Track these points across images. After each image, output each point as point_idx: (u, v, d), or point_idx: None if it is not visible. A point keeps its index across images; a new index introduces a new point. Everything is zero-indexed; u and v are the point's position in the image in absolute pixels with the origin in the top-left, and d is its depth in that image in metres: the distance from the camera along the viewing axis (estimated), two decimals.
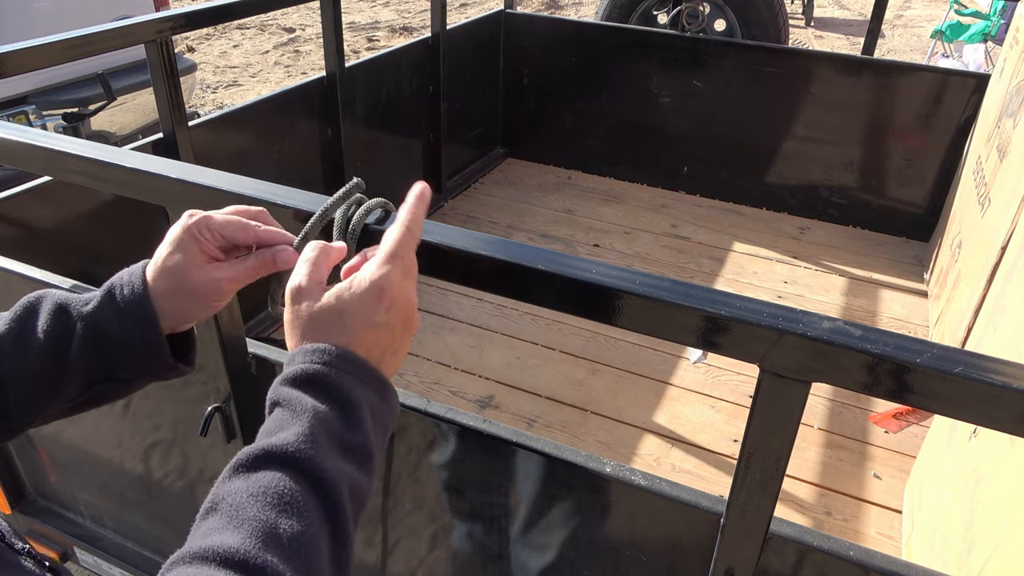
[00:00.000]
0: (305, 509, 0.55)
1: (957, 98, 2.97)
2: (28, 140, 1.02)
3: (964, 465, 1.56)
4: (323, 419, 0.59)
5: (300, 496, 0.55)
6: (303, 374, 0.61)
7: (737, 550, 0.85)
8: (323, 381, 0.60)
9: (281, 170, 2.52)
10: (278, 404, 0.61)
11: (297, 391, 0.60)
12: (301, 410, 0.59)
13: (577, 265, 0.76)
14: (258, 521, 0.53)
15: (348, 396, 0.60)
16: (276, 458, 0.56)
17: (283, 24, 7.86)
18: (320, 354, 0.61)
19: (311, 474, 0.56)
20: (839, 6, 9.21)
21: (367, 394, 0.62)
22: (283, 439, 0.57)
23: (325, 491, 0.56)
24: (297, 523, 0.54)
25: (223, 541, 0.52)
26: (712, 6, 4.17)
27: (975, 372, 0.63)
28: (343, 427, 0.59)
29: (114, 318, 0.73)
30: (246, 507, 0.53)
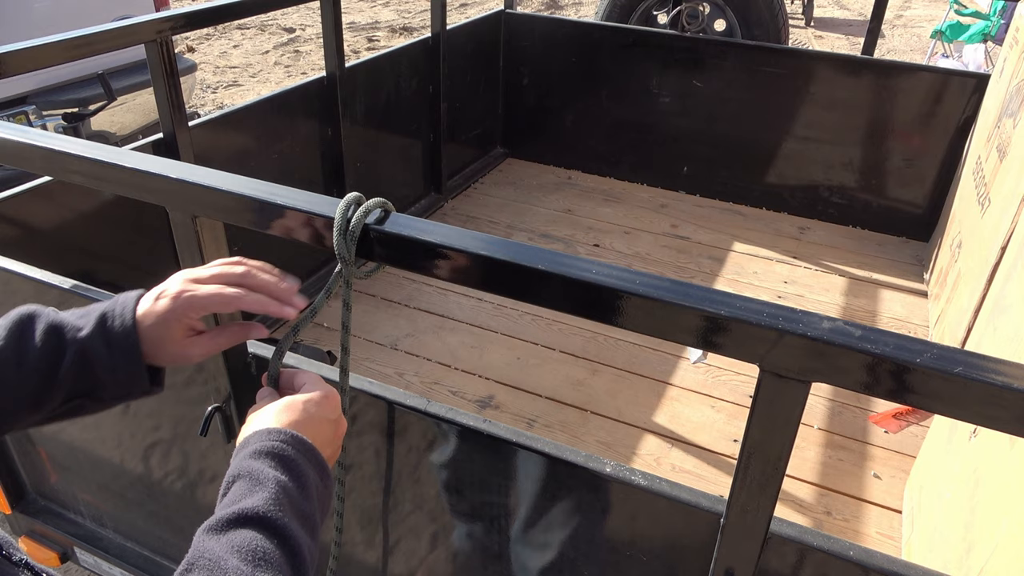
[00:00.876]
0: (280, 566, 0.59)
1: (957, 98, 2.97)
2: (28, 140, 1.02)
3: (964, 465, 1.56)
4: (285, 488, 0.64)
5: (273, 554, 0.59)
6: (267, 450, 0.68)
7: (737, 550, 0.85)
8: (283, 456, 0.68)
9: (281, 170, 2.52)
10: (239, 477, 0.66)
11: (261, 463, 0.66)
12: (266, 479, 0.64)
13: (577, 265, 0.76)
14: (238, 572, 0.56)
15: (302, 472, 0.68)
16: (248, 520, 0.60)
17: (283, 24, 7.86)
18: (279, 435, 0.70)
19: (282, 534, 0.61)
20: (839, 6, 9.21)
21: (313, 475, 0.69)
22: (253, 503, 0.62)
23: (294, 550, 0.61)
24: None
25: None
26: (712, 6, 4.17)
27: (975, 372, 0.63)
28: (300, 498, 0.66)
29: (103, 347, 0.78)
30: (224, 561, 0.57)
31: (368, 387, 1.05)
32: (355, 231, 0.81)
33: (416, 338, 2.55)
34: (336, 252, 0.82)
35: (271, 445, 0.68)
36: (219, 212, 0.94)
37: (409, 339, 2.54)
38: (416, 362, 2.44)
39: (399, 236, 0.82)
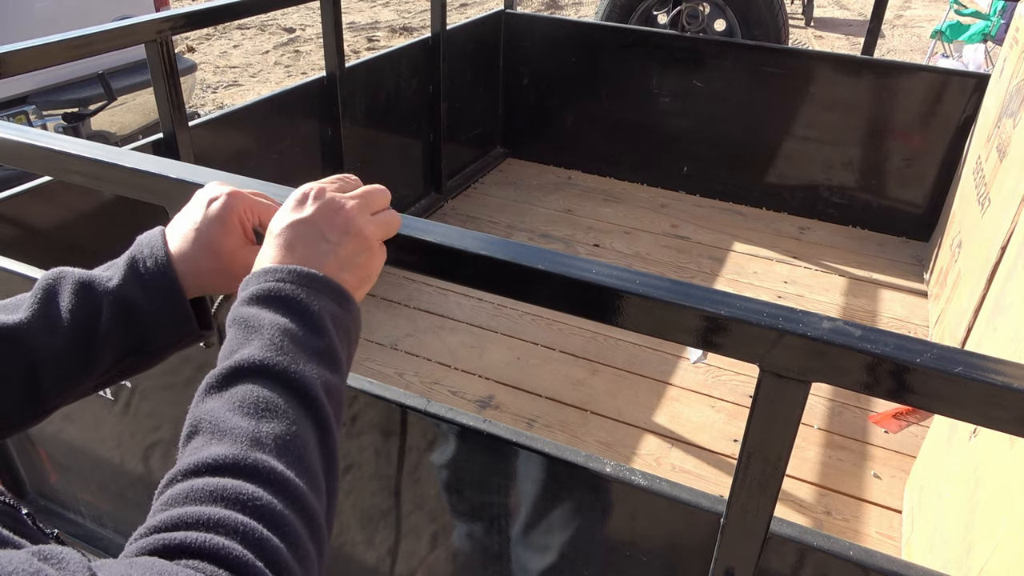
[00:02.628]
0: (285, 411, 0.55)
1: (957, 98, 2.97)
2: (28, 140, 1.02)
3: (964, 465, 1.56)
4: (284, 329, 0.59)
5: (277, 400, 0.55)
6: (257, 293, 0.62)
7: (737, 550, 0.85)
8: (279, 295, 0.61)
9: (281, 170, 2.52)
10: (232, 324, 0.61)
11: (253, 309, 0.61)
12: (259, 324, 0.59)
13: (577, 265, 0.76)
14: (241, 429, 0.53)
15: (306, 306, 0.61)
16: (245, 371, 0.56)
17: (283, 24, 7.86)
18: (272, 273, 0.63)
19: (283, 378, 0.56)
20: (839, 6, 9.21)
21: (326, 304, 0.62)
22: (248, 352, 0.57)
23: (300, 391, 0.57)
24: (279, 424, 0.54)
25: (210, 453, 0.51)
26: (712, 6, 4.17)
27: (975, 372, 0.63)
28: (306, 334, 0.60)
29: (140, 291, 0.72)
30: (226, 420, 0.53)
31: (368, 387, 1.05)
32: None
33: (416, 338, 2.55)
34: None
35: (264, 287, 0.62)
36: None
37: (409, 339, 2.54)
38: (416, 362, 2.44)
39: (398, 236, 0.82)
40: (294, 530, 0.50)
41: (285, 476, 0.51)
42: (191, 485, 0.50)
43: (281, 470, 0.52)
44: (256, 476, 0.51)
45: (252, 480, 0.50)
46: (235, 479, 0.50)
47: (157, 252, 0.73)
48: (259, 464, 0.51)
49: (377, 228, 0.71)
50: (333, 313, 0.63)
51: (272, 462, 0.52)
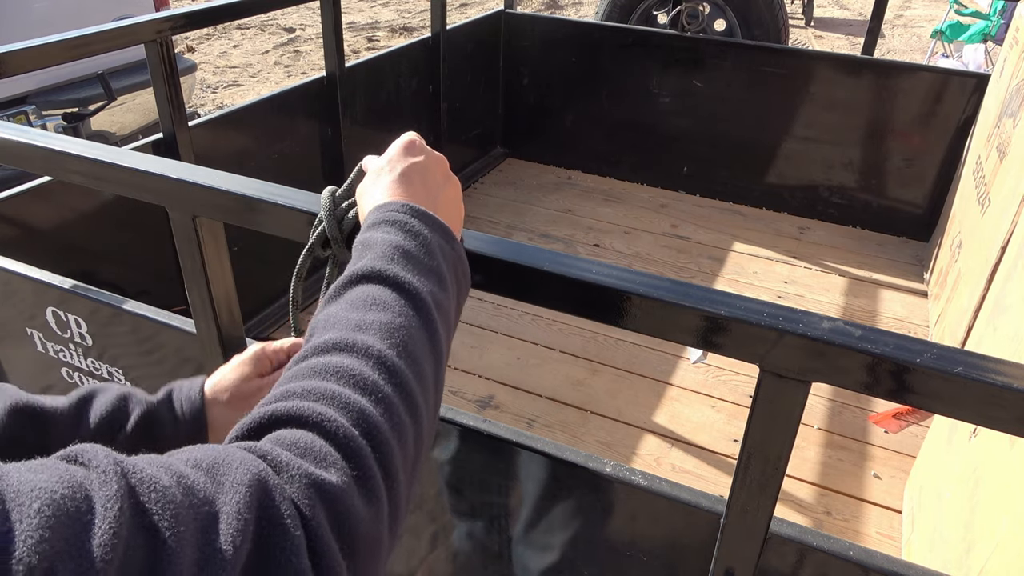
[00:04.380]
0: (392, 305, 0.58)
1: (957, 98, 2.97)
2: (28, 140, 1.02)
3: (964, 465, 1.56)
4: (397, 246, 0.63)
5: (387, 297, 0.58)
6: (374, 221, 0.66)
7: (737, 550, 0.85)
8: (393, 220, 0.65)
9: (281, 170, 2.52)
10: (356, 248, 0.66)
11: (369, 233, 0.65)
12: (375, 242, 0.64)
13: (577, 265, 0.76)
14: (349, 320, 0.56)
15: (418, 231, 0.65)
16: (358, 278, 0.60)
17: (283, 24, 7.86)
18: (388, 206, 0.67)
19: (393, 281, 0.60)
20: (839, 6, 9.21)
21: (433, 236, 0.66)
22: (362, 263, 0.61)
23: (409, 293, 0.59)
24: (386, 315, 0.57)
25: (318, 339, 0.55)
26: (712, 6, 4.17)
27: (975, 372, 0.63)
28: (418, 253, 0.63)
29: (170, 418, 0.77)
30: (336, 316, 0.57)
31: None
32: (346, 210, 0.80)
33: None
34: (328, 234, 0.81)
35: (380, 216, 0.66)
36: (219, 212, 0.94)
37: None
38: None
39: None
40: (390, 401, 0.52)
41: (384, 354, 0.54)
42: (293, 370, 0.53)
43: (380, 348, 0.54)
44: (355, 351, 0.53)
45: (351, 354, 0.53)
46: (335, 355, 0.53)
47: (194, 395, 0.79)
48: (359, 342, 0.54)
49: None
50: (441, 246, 0.67)
51: (372, 340, 0.54)
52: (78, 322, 1.25)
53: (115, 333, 1.23)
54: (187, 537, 0.37)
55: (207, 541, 0.38)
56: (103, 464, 0.37)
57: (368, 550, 0.46)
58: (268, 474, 0.42)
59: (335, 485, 0.44)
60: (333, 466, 0.45)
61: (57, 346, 1.31)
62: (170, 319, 1.17)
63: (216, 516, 0.39)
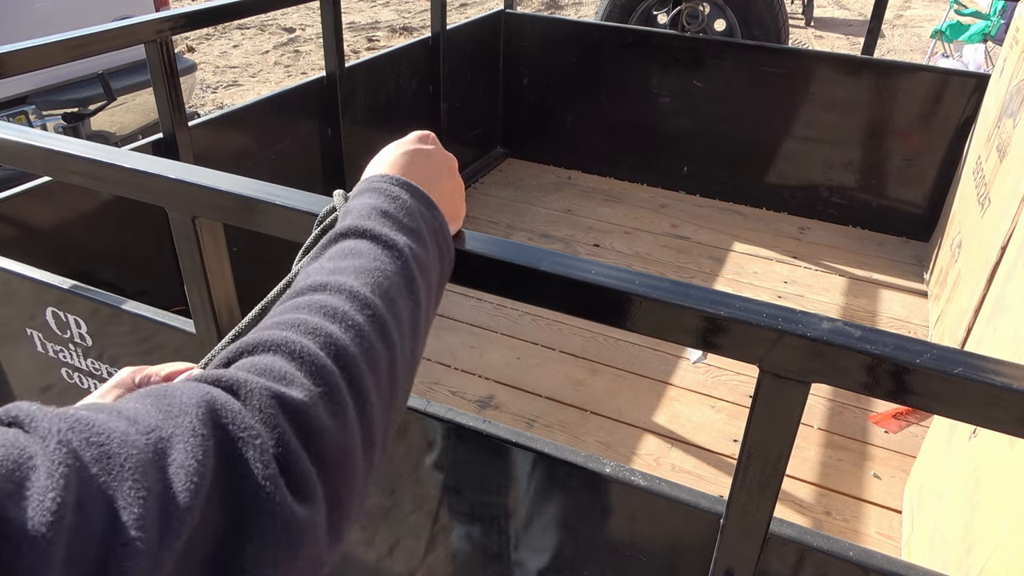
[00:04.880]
0: (369, 252, 0.58)
1: (957, 98, 2.97)
2: (28, 140, 1.02)
3: (964, 465, 1.56)
4: (375, 207, 0.63)
5: (364, 247, 0.59)
6: (359, 191, 0.67)
7: (737, 550, 0.85)
8: (376, 188, 0.66)
9: (281, 170, 2.52)
10: (340, 216, 0.66)
11: (353, 201, 0.66)
12: (355, 207, 0.64)
13: (577, 265, 0.76)
14: (326, 267, 0.57)
15: (398, 195, 0.65)
16: (336, 236, 0.61)
17: (283, 24, 7.86)
18: (377, 179, 0.68)
19: (371, 234, 0.60)
20: (839, 6, 9.21)
21: (415, 203, 0.66)
22: (341, 224, 0.62)
23: (387, 244, 0.60)
24: (362, 261, 0.57)
25: (292, 289, 0.56)
26: (712, 6, 4.17)
27: (975, 372, 0.63)
28: (396, 213, 0.64)
29: None
30: (314, 268, 0.58)
31: None
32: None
33: None
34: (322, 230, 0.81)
35: (365, 185, 0.67)
36: (218, 212, 0.94)
37: None
38: None
39: None
40: (360, 328, 0.52)
41: (357, 290, 0.54)
42: (271, 312, 0.54)
43: (353, 284, 0.55)
44: (328, 289, 0.54)
45: (324, 292, 0.54)
46: (308, 295, 0.54)
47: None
48: (332, 282, 0.55)
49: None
50: (422, 212, 0.66)
51: (346, 279, 0.55)
52: (78, 322, 1.25)
53: (115, 333, 1.23)
54: (143, 476, 0.35)
55: (164, 470, 0.36)
56: (44, 424, 0.34)
57: (338, 463, 0.46)
58: (217, 394, 0.42)
59: (295, 397, 0.44)
60: (294, 383, 0.45)
61: (57, 346, 1.31)
62: (170, 319, 1.17)
63: (170, 440, 0.38)
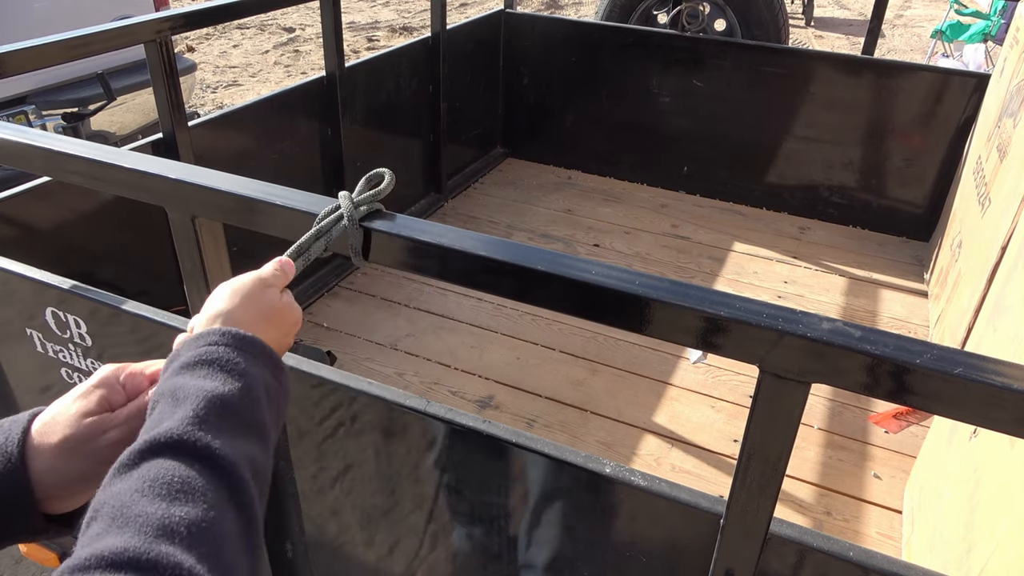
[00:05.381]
0: (202, 492, 0.48)
1: (957, 98, 2.96)
2: (28, 140, 1.02)
3: (964, 465, 1.56)
4: (214, 397, 0.54)
5: (194, 480, 0.49)
6: (190, 360, 0.57)
7: (737, 550, 0.85)
8: (216, 360, 0.56)
9: (281, 170, 2.52)
10: (160, 398, 0.55)
11: (183, 377, 0.55)
12: (186, 394, 0.54)
13: (577, 265, 0.76)
14: (146, 515, 0.46)
15: (244, 372, 0.57)
16: (160, 447, 0.50)
17: (283, 24, 7.86)
18: (211, 336, 0.58)
19: (204, 455, 0.50)
20: (839, 6, 9.21)
21: (262, 373, 0.59)
22: (167, 426, 0.51)
23: (223, 470, 0.50)
24: (194, 508, 0.47)
25: (107, 545, 0.44)
26: (712, 6, 4.17)
27: (975, 373, 0.63)
28: (239, 404, 0.55)
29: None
30: (131, 505, 0.46)
31: (368, 387, 1.05)
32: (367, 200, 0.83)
33: (416, 338, 2.54)
34: (343, 210, 0.82)
35: (201, 352, 0.56)
36: (218, 212, 0.94)
37: (409, 339, 2.54)
38: (416, 362, 2.44)
39: (399, 236, 0.82)
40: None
41: (195, 572, 0.44)
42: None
43: (190, 566, 0.44)
44: (157, 572, 0.43)
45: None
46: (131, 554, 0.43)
47: (11, 442, 0.60)
48: (163, 560, 0.44)
49: (286, 301, 0.70)
50: (267, 383, 0.59)
51: (180, 556, 0.44)
52: (77, 322, 1.25)
53: (115, 333, 1.23)
54: None
55: None
56: None
57: None
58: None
59: None
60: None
61: (57, 346, 1.31)
62: (170, 319, 1.17)
63: None
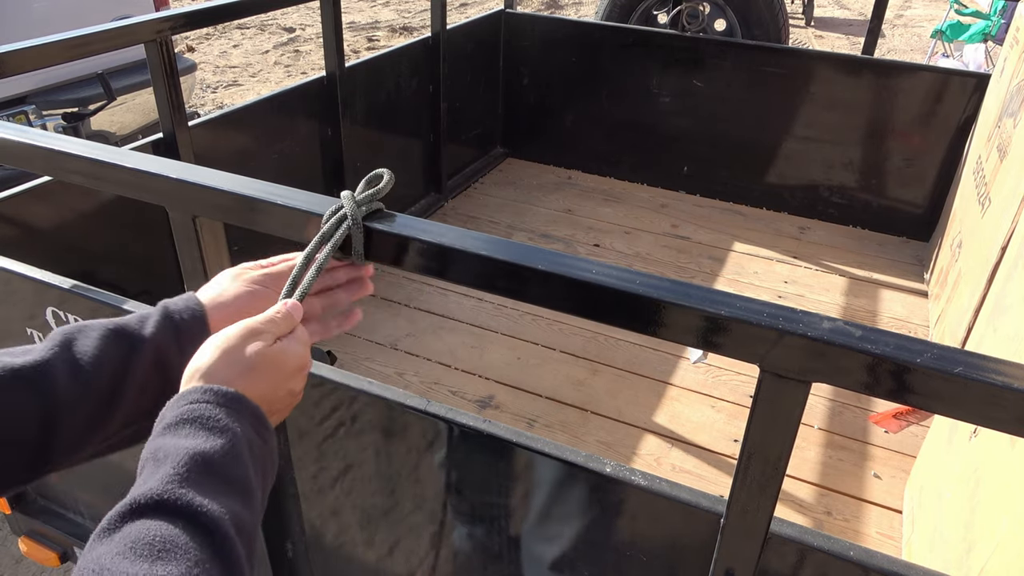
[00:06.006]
0: (185, 550, 0.47)
1: (957, 98, 2.96)
2: (28, 140, 1.02)
3: (964, 465, 1.56)
4: (196, 454, 0.53)
5: (177, 538, 0.48)
6: (173, 420, 0.57)
7: (737, 550, 0.85)
8: (199, 418, 0.56)
9: (281, 170, 2.52)
10: (146, 462, 0.55)
11: (165, 438, 0.55)
12: (167, 454, 0.53)
13: (577, 265, 0.76)
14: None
15: (225, 429, 0.56)
16: (141, 508, 0.49)
17: (283, 24, 7.86)
18: (190, 395, 0.59)
19: (186, 512, 0.49)
20: (839, 6, 9.21)
21: (244, 429, 0.58)
22: (148, 486, 0.51)
23: (206, 527, 0.50)
24: (177, 567, 0.46)
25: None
26: (712, 6, 4.17)
27: (975, 372, 0.63)
28: (222, 460, 0.54)
29: (174, 342, 0.68)
30: (112, 569, 0.45)
31: (368, 387, 1.05)
32: (367, 199, 0.83)
33: (416, 338, 2.54)
34: (346, 210, 0.82)
35: (186, 410, 0.57)
36: (219, 212, 0.94)
37: (409, 339, 2.54)
38: (416, 362, 2.44)
39: (399, 236, 0.82)
40: None
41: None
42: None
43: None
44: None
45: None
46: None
47: (192, 304, 0.71)
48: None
49: (298, 344, 0.69)
50: (251, 440, 0.58)
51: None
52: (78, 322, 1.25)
53: None
54: None
55: None
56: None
57: None
58: None
59: None
60: None
61: None
62: None
63: None
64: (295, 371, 0.68)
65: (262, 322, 0.67)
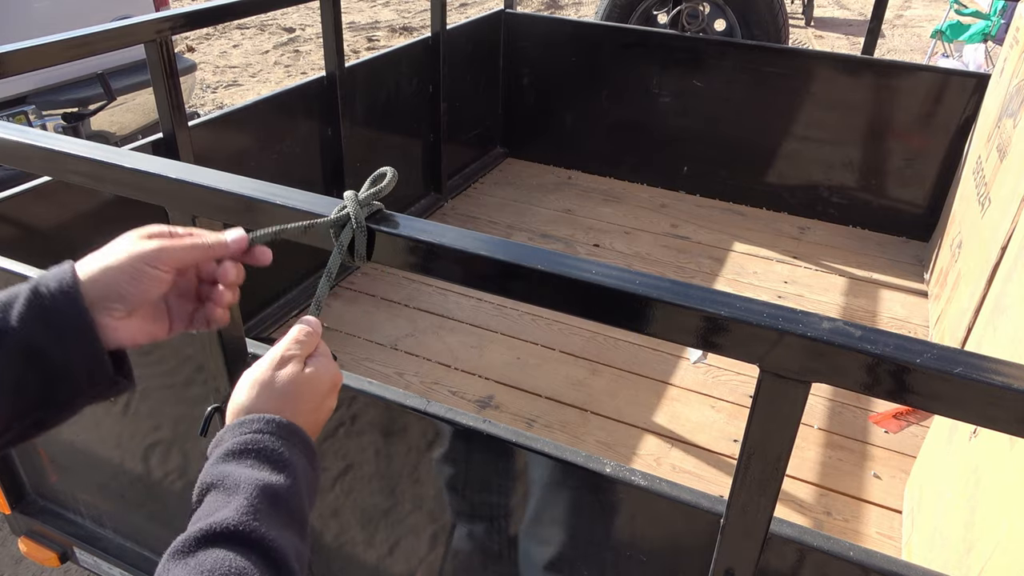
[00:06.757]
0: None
1: (957, 98, 2.97)
2: (28, 140, 1.02)
3: (964, 465, 1.56)
4: (265, 489, 0.56)
5: (250, 571, 0.50)
6: (242, 447, 0.58)
7: (737, 550, 0.85)
8: (262, 450, 0.58)
9: (281, 170, 2.52)
10: (212, 486, 0.57)
11: (233, 465, 0.57)
12: (237, 483, 0.56)
13: (577, 265, 0.76)
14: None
15: (287, 463, 0.58)
16: (218, 536, 0.52)
17: (283, 24, 7.86)
18: (256, 423, 0.60)
19: (260, 546, 0.52)
20: (839, 6, 9.21)
21: (301, 462, 0.60)
22: (224, 515, 0.53)
23: (276, 562, 0.52)
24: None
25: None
26: (712, 6, 4.17)
27: (975, 372, 0.63)
28: (286, 495, 0.57)
29: (43, 328, 0.60)
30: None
31: (368, 387, 1.05)
32: (368, 200, 0.82)
33: (416, 338, 2.54)
34: (349, 211, 0.81)
35: (247, 440, 0.58)
36: (219, 212, 0.94)
37: (409, 339, 2.54)
38: (416, 362, 2.44)
39: (399, 236, 0.82)
40: None
41: None
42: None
43: None
44: None
45: None
46: None
47: (66, 279, 0.61)
48: None
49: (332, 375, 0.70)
50: (305, 471, 0.61)
51: None
52: None
53: None
54: None
55: None
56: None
57: None
58: None
59: None
60: None
61: None
62: None
63: None
64: (331, 390, 0.69)
65: (286, 349, 0.67)
